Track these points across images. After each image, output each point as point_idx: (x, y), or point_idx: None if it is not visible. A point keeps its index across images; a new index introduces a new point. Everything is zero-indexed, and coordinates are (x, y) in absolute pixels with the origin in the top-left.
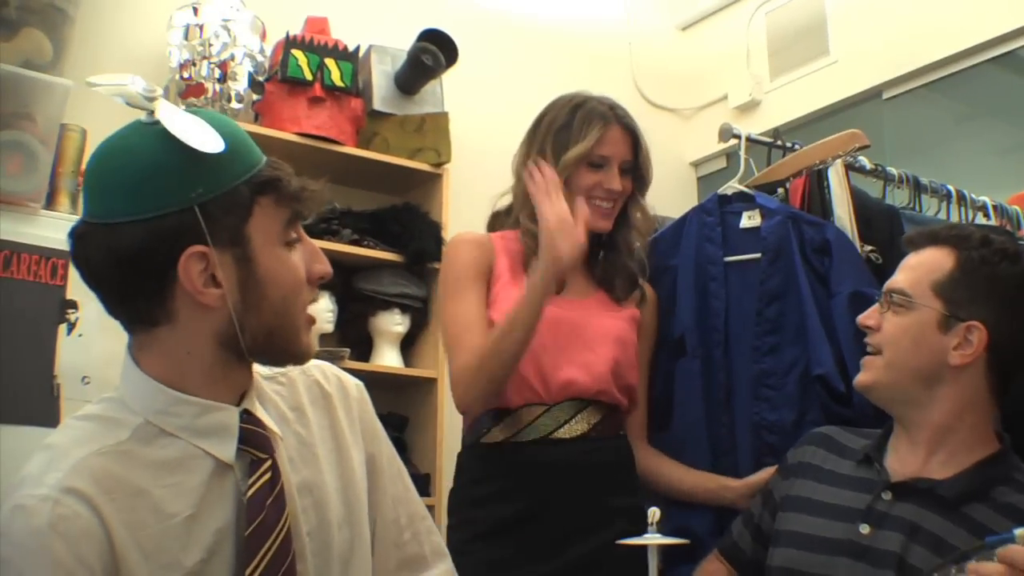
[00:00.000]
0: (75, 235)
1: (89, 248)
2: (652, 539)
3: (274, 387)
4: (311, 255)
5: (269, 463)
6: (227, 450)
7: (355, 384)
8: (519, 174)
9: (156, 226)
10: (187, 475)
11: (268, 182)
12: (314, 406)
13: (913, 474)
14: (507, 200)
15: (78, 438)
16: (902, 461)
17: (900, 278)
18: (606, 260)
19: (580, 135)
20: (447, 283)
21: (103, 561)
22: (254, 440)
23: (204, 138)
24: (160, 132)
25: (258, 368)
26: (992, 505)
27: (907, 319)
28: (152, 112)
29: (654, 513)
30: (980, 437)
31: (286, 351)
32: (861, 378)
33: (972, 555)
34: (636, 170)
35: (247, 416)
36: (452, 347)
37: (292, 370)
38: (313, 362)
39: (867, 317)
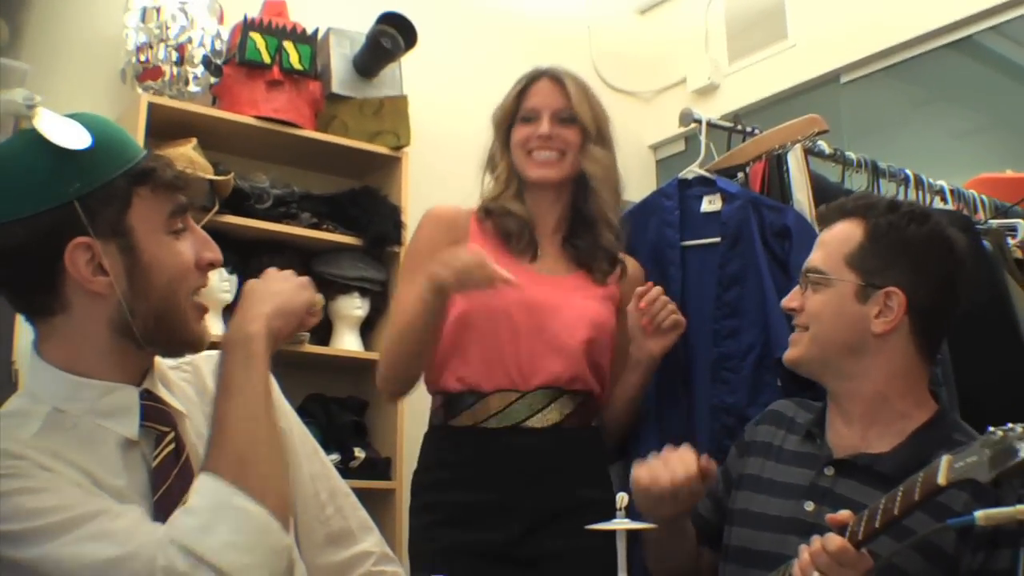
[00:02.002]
0: None
1: None
2: (621, 524)
3: (180, 375)
4: (201, 243)
5: (172, 435)
6: (130, 427)
7: None
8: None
9: (36, 223)
10: (100, 452)
11: (143, 173)
12: None
13: (853, 449)
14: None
15: None
16: (840, 435)
17: (815, 256)
18: (583, 241)
19: (508, 96)
20: (404, 262)
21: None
22: (156, 416)
23: (71, 136)
24: (37, 137)
25: (164, 359)
26: None
27: (826, 295)
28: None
29: (622, 498)
30: (914, 402)
31: (176, 336)
32: (788, 354)
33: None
34: (576, 119)
35: (148, 394)
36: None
37: (197, 358)
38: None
39: (789, 300)
